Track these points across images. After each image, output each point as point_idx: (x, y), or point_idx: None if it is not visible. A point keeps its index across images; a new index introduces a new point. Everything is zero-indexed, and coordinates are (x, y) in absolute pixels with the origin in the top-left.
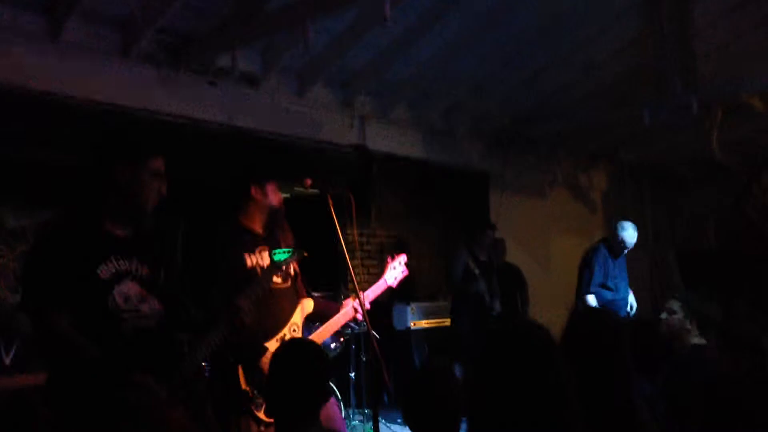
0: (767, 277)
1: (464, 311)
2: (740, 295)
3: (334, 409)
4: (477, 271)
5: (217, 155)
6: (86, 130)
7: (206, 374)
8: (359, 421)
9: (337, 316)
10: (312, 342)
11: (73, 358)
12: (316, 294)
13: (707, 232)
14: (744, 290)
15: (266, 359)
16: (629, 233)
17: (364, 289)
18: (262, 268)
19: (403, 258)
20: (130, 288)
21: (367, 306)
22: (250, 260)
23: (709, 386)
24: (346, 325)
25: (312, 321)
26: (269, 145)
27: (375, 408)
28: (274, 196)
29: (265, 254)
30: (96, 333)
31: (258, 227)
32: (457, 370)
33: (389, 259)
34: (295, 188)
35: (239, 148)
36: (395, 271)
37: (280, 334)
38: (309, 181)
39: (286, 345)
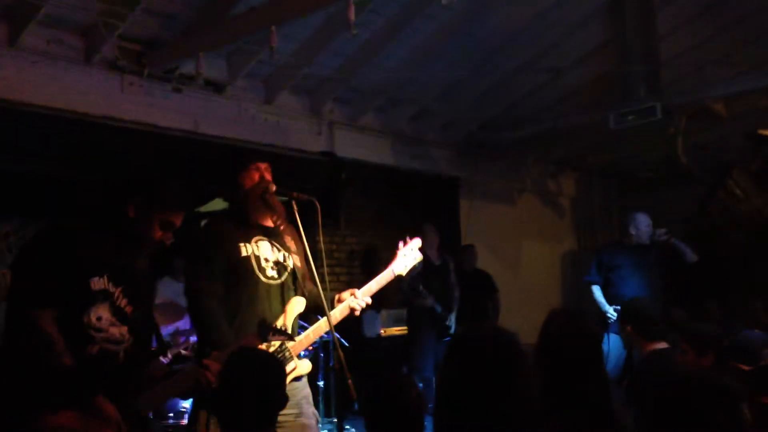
0: (734, 280)
1: (417, 324)
2: (710, 298)
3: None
4: (421, 287)
5: (183, 163)
6: (47, 138)
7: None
8: (328, 430)
9: (335, 311)
10: (262, 350)
11: (46, 359)
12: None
13: (675, 235)
14: (713, 293)
15: None
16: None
17: (332, 297)
18: (257, 258)
19: (416, 242)
20: (105, 311)
21: (367, 301)
22: (245, 249)
23: (670, 389)
24: None
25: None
26: (236, 152)
27: (340, 417)
28: (249, 180)
29: (263, 244)
30: (67, 342)
31: (256, 217)
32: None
33: (401, 245)
34: None
35: (205, 156)
36: (406, 258)
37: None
38: (273, 188)
39: (235, 355)
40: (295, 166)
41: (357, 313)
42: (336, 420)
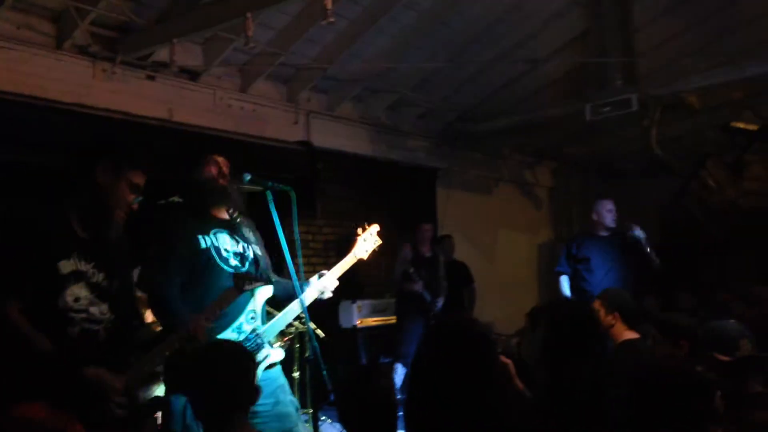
0: (708, 271)
1: (406, 311)
2: (683, 289)
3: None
4: (412, 270)
5: (157, 152)
6: (15, 124)
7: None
8: (304, 421)
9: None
10: (233, 342)
11: (22, 348)
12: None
13: (651, 226)
14: (686, 284)
15: None
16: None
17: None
18: (217, 249)
19: (374, 228)
20: (81, 290)
21: (335, 285)
22: (204, 241)
23: (647, 379)
24: (290, 324)
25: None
26: (211, 141)
27: (315, 408)
28: (207, 173)
29: (221, 236)
30: (43, 329)
31: (212, 210)
32: (400, 370)
33: (359, 231)
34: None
35: (179, 145)
36: (366, 243)
37: (236, 323)
38: (234, 184)
39: (206, 347)
40: (271, 155)
41: (326, 294)
42: (311, 411)
